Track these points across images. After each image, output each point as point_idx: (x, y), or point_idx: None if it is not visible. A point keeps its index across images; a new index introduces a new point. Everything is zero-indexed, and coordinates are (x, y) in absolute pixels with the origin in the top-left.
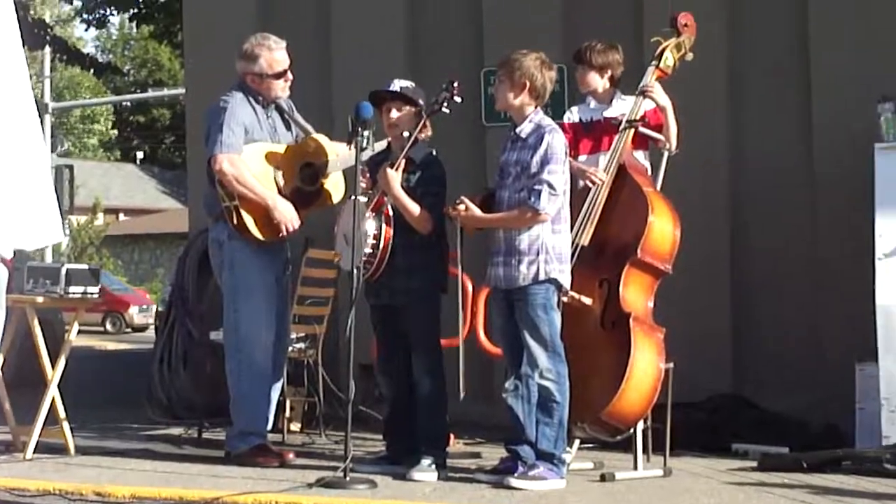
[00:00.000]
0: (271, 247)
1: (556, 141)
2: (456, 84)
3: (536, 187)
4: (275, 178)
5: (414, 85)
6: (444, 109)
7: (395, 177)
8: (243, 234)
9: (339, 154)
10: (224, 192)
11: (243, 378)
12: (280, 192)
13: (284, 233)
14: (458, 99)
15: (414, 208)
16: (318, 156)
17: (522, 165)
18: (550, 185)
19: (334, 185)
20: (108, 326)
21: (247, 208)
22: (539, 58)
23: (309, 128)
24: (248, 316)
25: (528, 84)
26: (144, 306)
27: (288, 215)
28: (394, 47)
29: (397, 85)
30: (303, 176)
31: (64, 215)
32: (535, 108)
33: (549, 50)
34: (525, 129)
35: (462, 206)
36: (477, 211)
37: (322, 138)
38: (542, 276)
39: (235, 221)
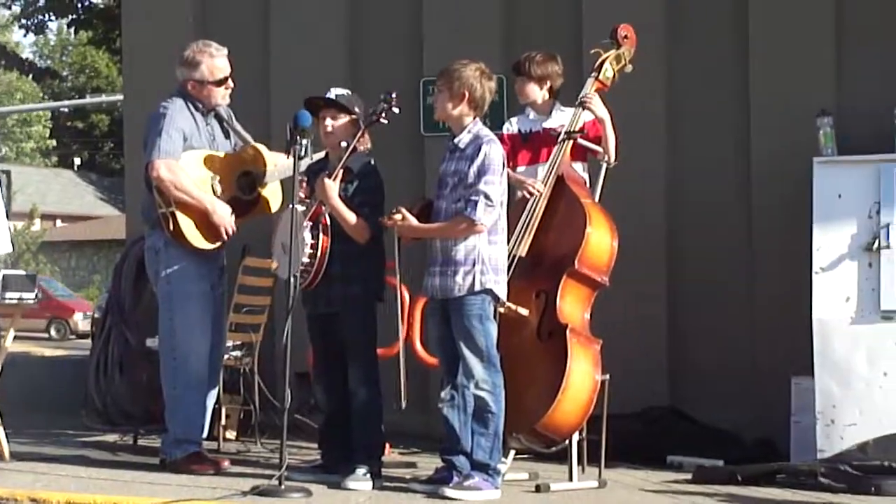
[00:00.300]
0: (207, 255)
1: (494, 152)
2: (394, 95)
3: (473, 198)
4: (212, 186)
5: (350, 93)
6: (382, 120)
7: (332, 186)
8: (179, 241)
9: (277, 164)
10: (161, 199)
11: (178, 386)
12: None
13: (224, 236)
14: (396, 110)
15: (351, 217)
16: (256, 165)
17: (460, 176)
18: (487, 196)
19: (272, 194)
20: (53, 333)
21: (184, 215)
22: (479, 68)
23: (248, 136)
24: (183, 324)
25: (467, 95)
26: (89, 313)
27: (227, 219)
28: (333, 57)
29: (333, 93)
30: (240, 184)
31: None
32: (474, 118)
33: (488, 60)
34: (463, 139)
35: (398, 216)
36: (413, 220)
37: (261, 147)
38: (477, 287)
39: (172, 228)
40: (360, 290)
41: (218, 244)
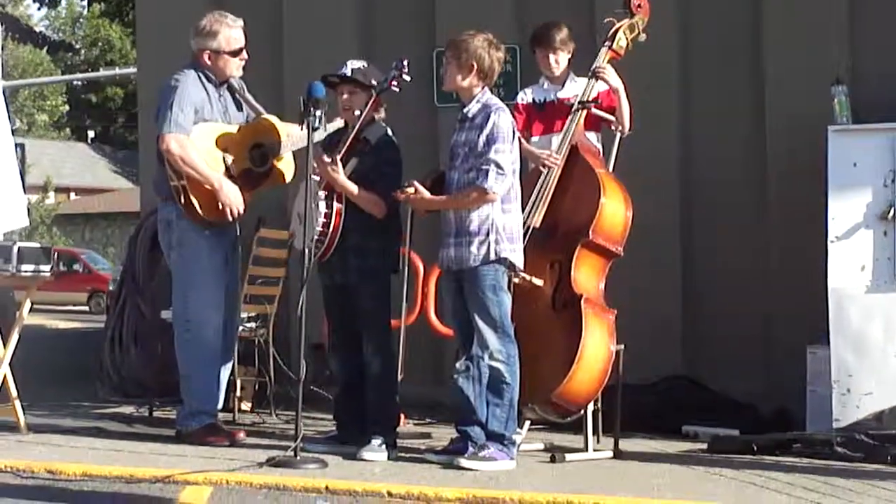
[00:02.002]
0: (220, 227)
1: (503, 120)
2: (405, 62)
3: (484, 167)
4: (224, 159)
5: (366, 65)
6: (393, 88)
7: (337, 169)
8: (191, 212)
9: (290, 134)
10: (172, 172)
11: (193, 358)
12: (228, 172)
13: (229, 217)
14: (407, 77)
15: (363, 195)
16: (269, 136)
17: (470, 146)
18: (498, 165)
19: (286, 165)
20: (92, 307)
21: (193, 189)
22: (487, 39)
23: (260, 108)
24: (196, 296)
25: (475, 65)
26: None
27: (233, 198)
28: (346, 28)
29: (349, 67)
30: (253, 156)
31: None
32: (483, 88)
33: (501, 30)
34: (472, 108)
35: (411, 189)
36: (425, 193)
37: (273, 119)
38: (492, 256)
39: (183, 201)
40: (375, 261)
41: (229, 217)
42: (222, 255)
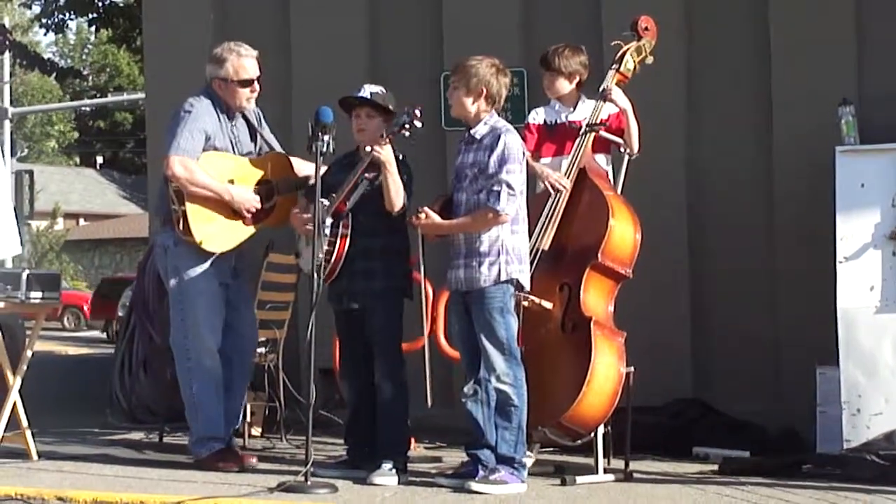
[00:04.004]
0: (217, 254)
1: (512, 141)
2: (419, 111)
3: (495, 188)
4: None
5: (384, 91)
6: (404, 133)
7: (384, 143)
8: (188, 240)
9: (300, 171)
10: (174, 196)
11: (194, 384)
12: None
13: (247, 214)
14: (418, 124)
15: (397, 180)
16: (278, 172)
17: (479, 167)
18: (509, 186)
19: (292, 203)
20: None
21: (195, 215)
22: (494, 64)
23: (274, 142)
24: (193, 322)
25: (484, 91)
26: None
27: (246, 198)
28: (353, 52)
29: (368, 91)
30: (259, 192)
31: (23, 222)
32: (491, 112)
33: (509, 54)
34: (480, 130)
35: (423, 216)
36: (436, 218)
37: (284, 154)
38: (503, 277)
39: (181, 227)
40: (383, 285)
41: (226, 248)
42: (217, 280)
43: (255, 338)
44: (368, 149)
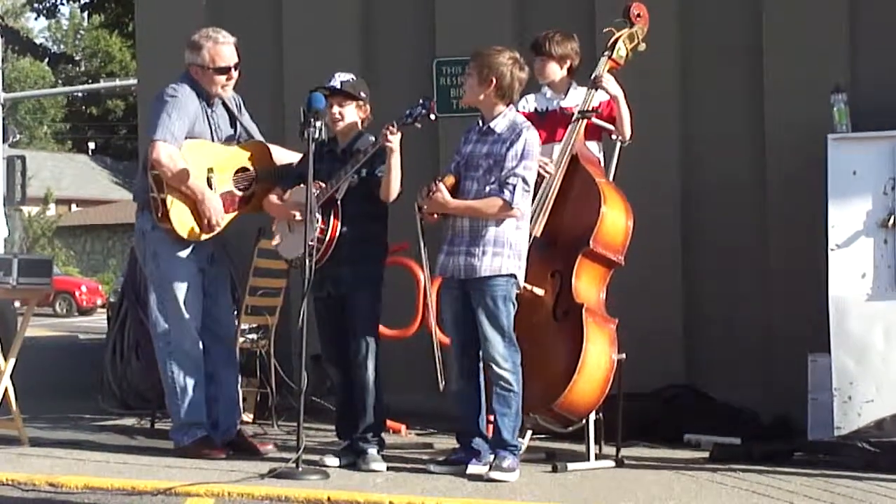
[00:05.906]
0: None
1: (533, 138)
2: (433, 103)
3: (511, 181)
4: (208, 179)
5: (355, 78)
6: (416, 124)
7: (394, 131)
8: (165, 226)
9: (278, 160)
10: (153, 183)
11: (174, 368)
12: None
13: (210, 226)
14: (432, 117)
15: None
16: (256, 161)
17: (495, 159)
18: (525, 181)
19: (269, 191)
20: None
21: (177, 202)
22: (513, 57)
23: (254, 129)
24: (173, 307)
25: (495, 81)
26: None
27: (216, 208)
28: (346, 39)
29: (338, 80)
30: (237, 179)
31: (13, 207)
32: (508, 105)
33: (500, 40)
34: (499, 123)
35: (437, 190)
36: (447, 195)
37: (263, 142)
38: (504, 271)
39: (160, 214)
40: (365, 271)
41: (203, 238)
42: (196, 265)
43: (232, 324)
44: (372, 138)
